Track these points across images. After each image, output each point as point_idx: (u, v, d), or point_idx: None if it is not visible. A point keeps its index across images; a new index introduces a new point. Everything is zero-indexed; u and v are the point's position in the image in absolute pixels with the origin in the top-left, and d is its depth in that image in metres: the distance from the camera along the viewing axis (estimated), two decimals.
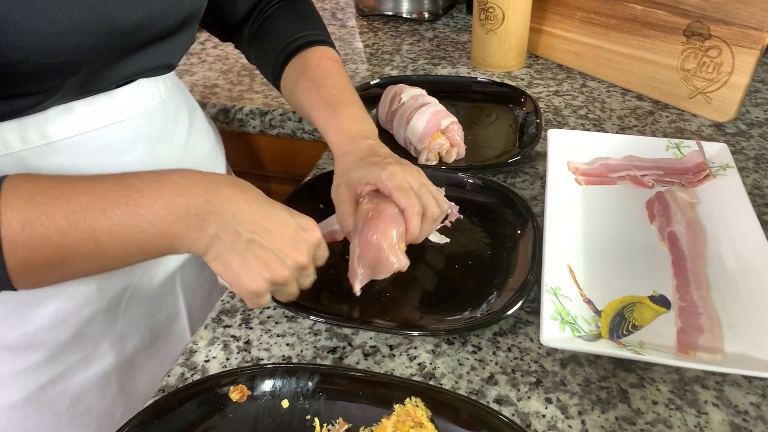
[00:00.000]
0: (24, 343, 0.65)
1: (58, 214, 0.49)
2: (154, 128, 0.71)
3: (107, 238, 0.51)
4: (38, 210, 0.49)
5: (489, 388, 0.59)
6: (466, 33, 1.37)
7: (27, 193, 0.49)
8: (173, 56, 0.71)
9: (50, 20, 0.52)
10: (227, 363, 0.62)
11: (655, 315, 0.65)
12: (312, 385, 0.56)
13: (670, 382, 0.60)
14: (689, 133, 0.98)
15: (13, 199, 0.49)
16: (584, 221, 0.77)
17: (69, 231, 0.50)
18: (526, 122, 0.98)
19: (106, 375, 0.72)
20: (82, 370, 0.70)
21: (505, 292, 0.67)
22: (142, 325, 0.75)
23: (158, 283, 0.75)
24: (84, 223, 0.50)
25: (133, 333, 0.74)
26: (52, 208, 0.49)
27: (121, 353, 0.73)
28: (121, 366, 0.73)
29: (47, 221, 0.49)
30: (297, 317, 0.67)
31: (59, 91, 0.59)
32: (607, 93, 1.10)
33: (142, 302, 0.74)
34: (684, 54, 1.00)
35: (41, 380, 0.67)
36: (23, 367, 0.66)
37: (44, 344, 0.66)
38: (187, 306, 0.81)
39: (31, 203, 0.49)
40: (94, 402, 0.72)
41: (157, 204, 0.52)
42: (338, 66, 0.80)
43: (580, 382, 0.60)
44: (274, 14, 0.83)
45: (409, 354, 0.63)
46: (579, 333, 0.62)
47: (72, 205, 0.50)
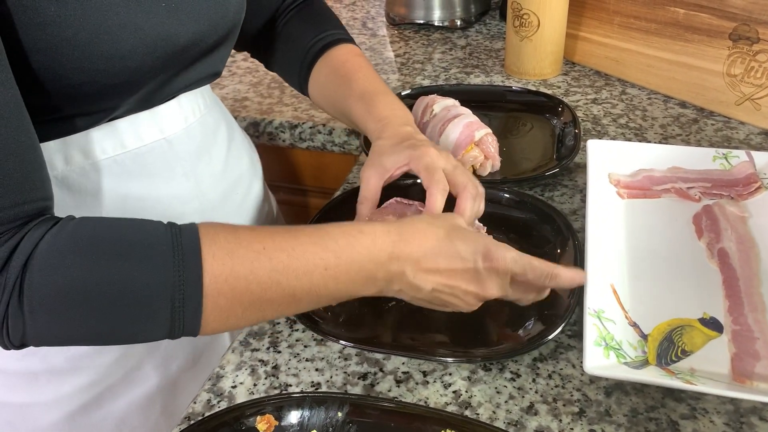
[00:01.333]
0: (69, 367, 0.65)
1: (261, 270, 0.50)
2: (194, 145, 0.71)
3: (304, 295, 0.53)
4: (242, 264, 0.50)
5: (529, 419, 0.56)
6: (499, 40, 1.34)
7: (229, 245, 0.50)
8: (219, 65, 0.71)
9: (114, 43, 0.53)
10: (254, 389, 0.60)
11: (706, 339, 0.61)
12: (342, 416, 0.54)
13: (725, 414, 0.56)
14: (737, 142, 0.93)
15: (215, 249, 0.49)
16: (627, 237, 0.73)
17: (270, 287, 0.51)
18: (564, 132, 0.94)
19: (150, 397, 0.72)
20: (126, 393, 0.70)
21: (544, 315, 0.63)
22: (186, 346, 0.75)
23: None
24: (286, 282, 0.51)
25: (177, 354, 0.74)
26: (255, 264, 0.50)
27: (164, 375, 0.73)
28: (164, 387, 0.73)
29: (251, 276, 0.50)
30: (326, 341, 0.65)
31: (116, 110, 0.60)
32: (649, 100, 1.06)
33: None
34: (730, 59, 0.96)
35: (86, 403, 0.67)
36: (69, 391, 0.66)
37: (89, 367, 0.66)
38: None
39: (234, 255, 0.50)
40: (138, 424, 0.71)
41: (351, 270, 0.53)
42: (365, 60, 0.82)
43: (627, 413, 0.56)
44: (291, 20, 0.83)
45: (444, 381, 0.60)
46: (624, 359, 0.59)
47: (274, 263, 0.51)
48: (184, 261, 0.48)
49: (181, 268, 0.48)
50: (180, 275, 0.48)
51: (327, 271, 0.52)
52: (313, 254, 0.52)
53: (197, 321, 0.49)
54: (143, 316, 0.48)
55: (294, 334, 0.66)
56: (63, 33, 0.50)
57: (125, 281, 0.46)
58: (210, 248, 0.49)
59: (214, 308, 0.49)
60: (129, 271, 0.47)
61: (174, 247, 0.48)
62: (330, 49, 0.81)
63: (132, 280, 0.47)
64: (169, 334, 0.49)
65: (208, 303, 0.49)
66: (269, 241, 0.52)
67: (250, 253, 0.50)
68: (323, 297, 0.54)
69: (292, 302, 0.53)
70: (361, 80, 0.77)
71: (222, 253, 0.49)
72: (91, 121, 0.59)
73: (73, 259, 0.46)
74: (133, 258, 0.47)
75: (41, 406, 0.66)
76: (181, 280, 0.48)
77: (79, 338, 0.49)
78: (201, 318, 0.49)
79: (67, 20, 0.49)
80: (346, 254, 0.53)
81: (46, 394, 0.65)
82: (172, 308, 0.48)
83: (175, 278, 0.47)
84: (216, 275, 0.49)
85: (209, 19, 0.61)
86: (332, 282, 0.53)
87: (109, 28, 0.52)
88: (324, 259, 0.52)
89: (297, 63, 0.82)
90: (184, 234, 0.50)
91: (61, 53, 0.51)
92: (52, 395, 0.65)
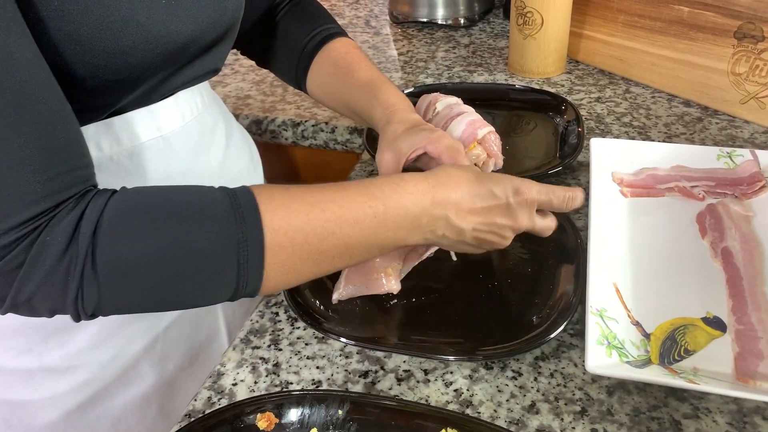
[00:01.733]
0: (65, 365, 0.65)
1: (317, 221, 0.52)
2: (191, 143, 0.70)
3: (357, 245, 0.55)
4: (298, 217, 0.52)
5: (530, 418, 0.56)
6: (503, 39, 1.34)
7: (284, 201, 0.52)
8: (219, 62, 0.71)
9: (116, 39, 0.53)
10: (255, 387, 0.60)
11: (709, 339, 0.61)
12: (342, 414, 0.53)
13: (728, 413, 0.55)
14: (742, 141, 0.92)
15: (273, 206, 0.51)
16: (630, 236, 0.73)
17: (326, 238, 0.53)
18: (567, 131, 0.94)
19: (146, 396, 0.71)
20: (123, 392, 0.70)
21: (546, 314, 0.63)
22: (183, 345, 0.74)
23: None
24: (340, 231, 0.53)
25: (174, 353, 0.73)
26: (311, 216, 0.52)
27: (161, 374, 0.72)
28: (161, 387, 0.73)
29: (308, 228, 0.52)
30: (327, 338, 0.64)
31: (115, 106, 0.60)
32: (653, 99, 1.05)
33: (183, 322, 0.73)
34: (735, 57, 0.95)
35: (82, 402, 0.67)
36: (65, 389, 0.66)
37: (85, 366, 0.66)
38: (227, 324, 0.80)
39: (290, 210, 0.52)
40: (135, 423, 0.71)
41: (398, 216, 0.56)
42: (363, 53, 0.82)
43: (629, 412, 0.56)
44: (285, 17, 0.84)
45: (445, 379, 0.60)
46: (627, 358, 0.58)
47: (327, 214, 0.53)
48: (244, 218, 0.49)
49: (242, 225, 0.49)
50: (242, 232, 0.49)
51: (376, 218, 0.55)
52: (362, 203, 0.54)
53: (260, 276, 0.51)
54: (211, 276, 0.49)
55: (295, 332, 0.66)
56: (65, 27, 0.50)
57: (192, 241, 0.48)
58: (267, 204, 0.51)
59: (275, 263, 0.51)
60: (195, 232, 0.48)
61: (233, 206, 0.50)
62: (327, 43, 0.81)
63: (198, 240, 0.48)
64: (234, 293, 0.51)
65: (269, 257, 0.50)
66: (320, 194, 0.54)
67: (304, 206, 0.52)
68: (374, 246, 0.56)
69: (346, 252, 0.55)
70: (364, 70, 0.77)
71: (279, 208, 0.51)
72: (88, 117, 0.59)
73: (141, 224, 0.47)
74: (197, 219, 0.48)
75: (37, 404, 0.65)
76: (244, 236, 0.49)
77: (151, 303, 0.50)
78: (263, 273, 0.51)
79: (69, 15, 0.49)
80: (392, 201, 0.55)
81: (41, 392, 0.65)
82: (237, 265, 0.49)
83: (238, 235, 0.49)
84: (275, 229, 0.50)
85: (208, 16, 0.61)
86: (382, 229, 0.55)
87: (111, 23, 0.52)
88: (372, 207, 0.54)
89: (294, 59, 0.82)
90: (240, 194, 0.51)
91: (63, 48, 0.51)
92: (48, 393, 0.65)
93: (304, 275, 0.55)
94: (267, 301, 0.70)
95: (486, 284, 0.69)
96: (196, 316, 0.75)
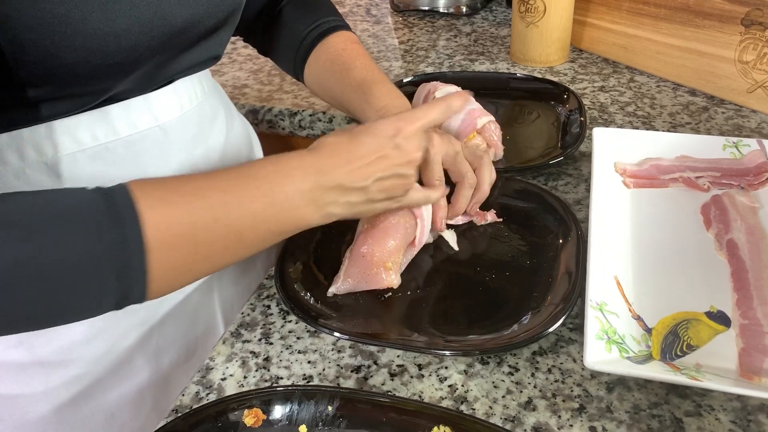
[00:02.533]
0: (57, 359, 0.64)
1: (200, 210, 0.49)
2: (189, 133, 0.69)
3: (250, 230, 0.51)
4: (178, 209, 0.48)
5: (526, 415, 0.54)
6: (505, 27, 1.31)
7: (159, 194, 0.48)
8: (219, 48, 0.69)
9: (108, 20, 0.51)
10: (245, 382, 0.59)
11: (713, 334, 0.59)
12: (332, 410, 0.52)
13: (731, 411, 0.53)
14: (748, 131, 0.90)
15: (150, 202, 0.47)
16: (633, 228, 0.71)
17: (213, 227, 0.49)
18: (569, 120, 0.92)
19: (141, 391, 0.70)
20: (117, 387, 0.68)
21: (545, 307, 0.61)
22: (179, 339, 0.73)
23: (196, 297, 0.73)
24: (227, 218, 0.50)
25: (169, 348, 0.72)
26: (191, 206, 0.48)
27: (156, 369, 0.71)
28: (156, 382, 0.71)
29: (192, 218, 0.48)
30: (319, 332, 0.63)
31: (109, 92, 0.58)
32: (657, 88, 1.03)
33: (179, 316, 0.72)
34: (742, 45, 0.93)
35: (75, 396, 0.66)
36: (57, 383, 0.64)
37: (78, 360, 0.64)
38: (225, 318, 0.79)
39: (169, 203, 0.48)
40: (129, 419, 0.70)
41: (289, 193, 0.53)
42: (362, 48, 0.80)
43: (629, 409, 0.54)
44: (287, 7, 0.82)
45: (439, 374, 0.58)
46: (627, 353, 0.56)
47: (211, 201, 0.49)
48: (122, 219, 0.45)
49: (119, 227, 0.45)
50: (120, 234, 0.44)
51: (265, 197, 0.52)
52: (246, 185, 0.51)
53: (143, 281, 0.46)
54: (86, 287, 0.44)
55: (287, 326, 0.64)
56: (56, 9, 0.48)
57: (60, 250, 0.43)
58: (145, 201, 0.46)
59: (161, 263, 0.47)
60: (63, 240, 0.43)
61: (108, 207, 0.45)
62: (327, 36, 0.79)
63: (66, 248, 0.43)
64: (118, 302, 0.46)
65: (154, 258, 0.46)
66: (200, 182, 0.51)
67: (183, 197, 0.49)
68: (268, 232, 0.53)
69: (238, 243, 0.52)
70: (359, 69, 0.76)
71: (157, 203, 0.47)
72: (82, 103, 0.57)
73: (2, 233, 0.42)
74: (66, 225, 0.44)
75: (29, 398, 0.64)
76: (121, 239, 0.44)
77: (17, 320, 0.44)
78: (147, 277, 0.46)
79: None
80: (278, 178, 0.53)
81: (34, 386, 0.64)
82: (116, 271, 0.44)
83: (114, 238, 0.44)
84: (156, 226, 0.46)
85: (208, 0, 0.59)
86: (271, 208, 0.52)
87: (103, 4, 0.50)
88: (258, 187, 0.52)
89: (293, 50, 0.81)
90: (116, 193, 0.46)
91: (53, 30, 0.49)
92: (40, 387, 0.64)
93: (194, 273, 0.51)
94: (259, 293, 0.69)
95: (483, 277, 0.67)
96: (193, 310, 0.73)
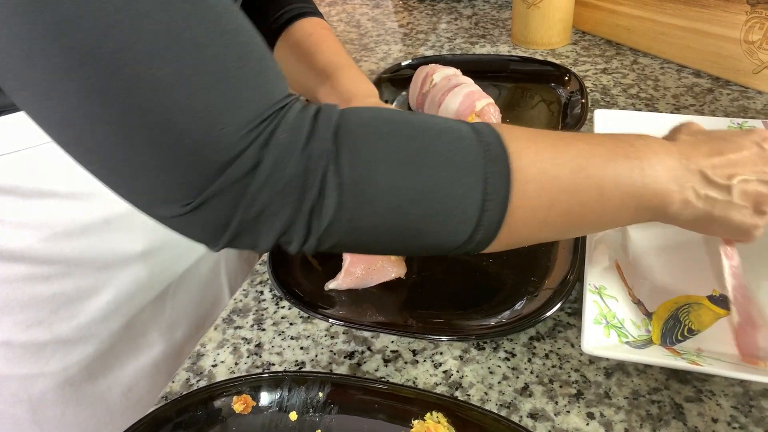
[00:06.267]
0: (76, 337, 0.64)
1: (566, 155, 0.46)
2: None
3: (612, 189, 0.47)
4: (545, 149, 0.46)
5: (523, 401, 0.53)
6: (507, 10, 1.29)
7: (525, 134, 0.46)
8: None
9: None
10: (236, 368, 0.58)
11: (715, 318, 0.57)
12: (323, 396, 0.51)
13: (733, 396, 0.52)
14: (754, 112, 0.88)
15: (516, 133, 0.46)
16: None
17: (578, 173, 0.46)
18: (570, 102, 0.90)
19: (156, 364, 0.71)
20: (133, 361, 0.69)
21: (542, 291, 0.60)
22: (190, 311, 0.74)
23: (205, 269, 0.75)
24: (592, 168, 0.46)
25: (181, 320, 0.73)
26: (558, 149, 0.46)
27: (170, 341, 0.72)
28: (170, 354, 0.72)
29: (559, 159, 0.46)
30: (313, 318, 0.62)
31: None
32: (661, 70, 1.01)
33: (190, 289, 0.73)
34: (748, 24, 0.91)
35: (93, 372, 0.66)
36: (75, 360, 0.64)
37: (95, 336, 0.65)
38: (231, 291, 0.80)
39: (536, 141, 0.46)
40: (145, 392, 0.70)
41: (654, 161, 0.48)
42: (331, 33, 0.78)
43: (627, 395, 0.53)
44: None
45: (434, 360, 0.57)
46: (626, 338, 0.55)
47: (576, 149, 0.47)
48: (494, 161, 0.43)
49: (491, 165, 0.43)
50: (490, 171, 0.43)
51: (629, 160, 0.48)
52: (610, 142, 0.49)
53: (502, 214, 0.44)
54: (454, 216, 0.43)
55: (280, 311, 0.63)
56: None
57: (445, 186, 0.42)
58: (510, 133, 0.45)
59: (521, 199, 0.44)
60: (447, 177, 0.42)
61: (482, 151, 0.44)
62: (294, 22, 0.77)
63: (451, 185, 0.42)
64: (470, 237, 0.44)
65: (517, 191, 0.44)
66: (562, 134, 0.49)
67: (550, 139, 0.47)
68: (629, 197, 0.48)
69: (599, 200, 0.47)
70: (325, 52, 0.74)
71: (524, 137, 0.46)
72: None
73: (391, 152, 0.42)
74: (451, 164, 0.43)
75: (47, 376, 0.63)
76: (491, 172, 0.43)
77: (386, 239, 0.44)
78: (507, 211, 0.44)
79: None
80: (641, 145, 0.49)
81: (52, 364, 0.63)
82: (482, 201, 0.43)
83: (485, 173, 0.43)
84: (523, 157, 0.44)
85: None
86: (638, 171, 0.47)
87: None
88: (622, 149, 0.48)
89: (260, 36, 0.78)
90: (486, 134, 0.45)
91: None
92: (58, 366, 0.64)
93: (550, 226, 0.47)
94: (252, 279, 0.67)
95: (480, 260, 0.65)
96: (203, 282, 0.75)
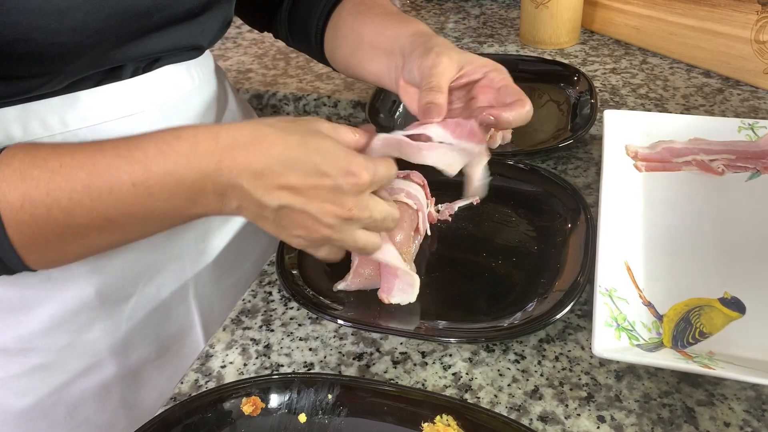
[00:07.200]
0: (18, 347, 0.61)
1: (58, 192, 0.45)
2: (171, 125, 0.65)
3: (121, 216, 0.47)
4: (36, 187, 0.45)
5: (533, 404, 0.52)
6: (515, 9, 1.29)
7: (22, 166, 0.45)
8: (201, 38, 0.65)
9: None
10: (245, 369, 0.57)
11: (726, 320, 0.57)
12: (332, 399, 0.50)
13: (745, 400, 0.51)
14: (765, 113, 0.88)
15: (8, 173, 0.45)
16: (644, 213, 0.69)
17: (74, 211, 0.46)
18: (580, 102, 0.89)
19: (106, 386, 0.67)
20: (81, 380, 0.65)
21: (553, 294, 0.59)
22: (149, 335, 0.69)
23: (168, 293, 0.69)
24: (90, 203, 0.46)
25: (138, 344, 0.68)
26: (51, 185, 0.45)
27: (123, 364, 0.67)
28: (124, 377, 0.68)
29: (48, 200, 0.45)
30: (321, 319, 0.61)
31: (61, 75, 0.54)
32: (671, 70, 1.00)
33: (148, 311, 0.68)
34: (759, 24, 0.90)
35: (36, 386, 0.63)
36: (18, 372, 0.62)
37: (40, 349, 0.62)
38: (203, 319, 0.74)
39: (26, 178, 0.45)
40: (93, 413, 0.67)
41: (167, 183, 0.47)
42: None
43: (639, 398, 0.52)
44: None
45: (443, 362, 0.57)
46: (637, 341, 0.55)
47: (72, 183, 0.46)
48: None
49: None
50: None
51: (136, 187, 0.46)
52: (117, 168, 0.46)
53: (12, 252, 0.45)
54: None
55: (288, 312, 0.63)
56: None
57: None
58: (3, 172, 0.45)
59: (23, 239, 0.45)
60: None
61: None
62: None
63: None
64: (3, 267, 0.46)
65: (13, 234, 0.45)
66: (68, 157, 0.46)
67: (45, 173, 0.45)
68: (148, 218, 0.48)
69: (112, 227, 0.47)
70: (386, 6, 0.72)
71: (15, 176, 0.45)
72: (35, 84, 0.54)
73: None
74: None
75: None
76: None
77: None
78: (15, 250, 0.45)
79: None
80: (158, 166, 0.46)
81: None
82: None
83: None
84: (11, 203, 0.44)
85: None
86: (147, 199, 0.47)
87: None
88: (129, 173, 0.46)
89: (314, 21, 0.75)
90: None
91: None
92: (2, 374, 0.61)
93: (71, 252, 0.48)
94: (260, 280, 0.67)
95: (490, 262, 0.65)
96: (165, 306, 0.69)
